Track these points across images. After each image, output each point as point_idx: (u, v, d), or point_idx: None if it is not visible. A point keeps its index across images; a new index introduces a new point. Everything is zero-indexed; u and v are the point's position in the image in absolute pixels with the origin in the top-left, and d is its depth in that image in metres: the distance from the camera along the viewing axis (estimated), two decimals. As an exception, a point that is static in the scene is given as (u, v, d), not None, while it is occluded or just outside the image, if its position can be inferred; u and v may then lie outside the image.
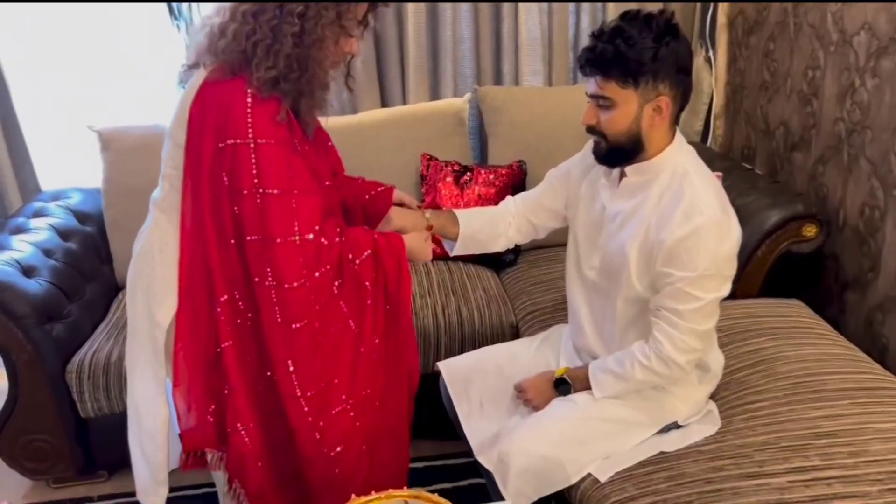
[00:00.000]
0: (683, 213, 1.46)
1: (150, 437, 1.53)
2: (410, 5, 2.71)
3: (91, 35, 2.77)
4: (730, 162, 2.65)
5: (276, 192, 1.32)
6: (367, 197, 1.68)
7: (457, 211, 1.76)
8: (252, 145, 1.31)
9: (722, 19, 2.79)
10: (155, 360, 1.48)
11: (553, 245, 2.45)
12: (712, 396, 1.71)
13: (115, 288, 2.50)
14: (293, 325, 1.38)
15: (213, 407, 1.48)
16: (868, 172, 2.03)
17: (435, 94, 2.88)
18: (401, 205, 1.70)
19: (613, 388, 1.60)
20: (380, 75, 2.84)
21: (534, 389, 1.71)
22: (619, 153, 1.54)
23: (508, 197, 1.86)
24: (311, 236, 1.36)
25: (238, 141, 1.31)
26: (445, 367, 1.87)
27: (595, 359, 1.70)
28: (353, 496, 1.30)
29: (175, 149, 1.41)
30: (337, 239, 1.42)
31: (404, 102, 2.87)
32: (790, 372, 1.75)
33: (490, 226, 1.77)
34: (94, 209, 2.58)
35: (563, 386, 1.67)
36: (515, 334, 2.24)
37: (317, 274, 1.38)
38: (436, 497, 1.25)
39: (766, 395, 1.69)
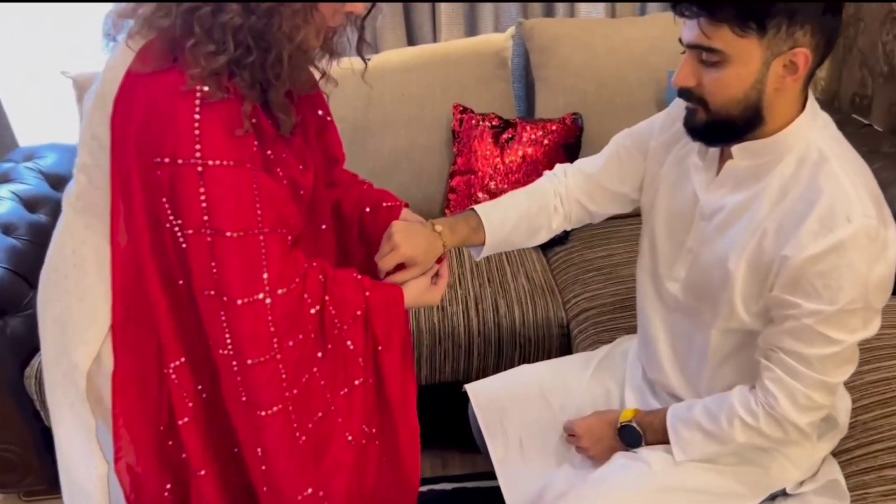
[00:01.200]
0: (819, 219, 1.00)
1: (86, 499, 1.17)
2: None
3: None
4: (837, 114, 2.12)
5: (235, 234, 0.92)
6: (367, 210, 1.25)
7: (480, 208, 1.30)
8: (200, 169, 0.90)
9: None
10: (81, 405, 1.10)
11: (615, 217, 1.99)
12: (832, 451, 1.28)
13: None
14: (260, 413, 1.00)
15: (169, 485, 1.10)
16: None
17: (471, 30, 2.43)
18: None
19: (701, 450, 1.17)
20: (405, 6, 2.39)
21: (590, 436, 1.30)
22: (724, 128, 1.07)
23: (557, 167, 1.40)
24: (283, 291, 0.97)
25: (180, 161, 0.90)
26: (475, 392, 1.47)
27: (675, 399, 1.27)
28: None
29: (94, 143, 0.99)
30: (323, 295, 1.03)
31: (434, 40, 2.44)
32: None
33: (527, 220, 1.32)
34: (71, 171, 2.19)
35: (630, 435, 1.26)
36: (565, 336, 1.81)
37: (291, 343, 0.99)
38: None
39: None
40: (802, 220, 1.01)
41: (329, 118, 1.19)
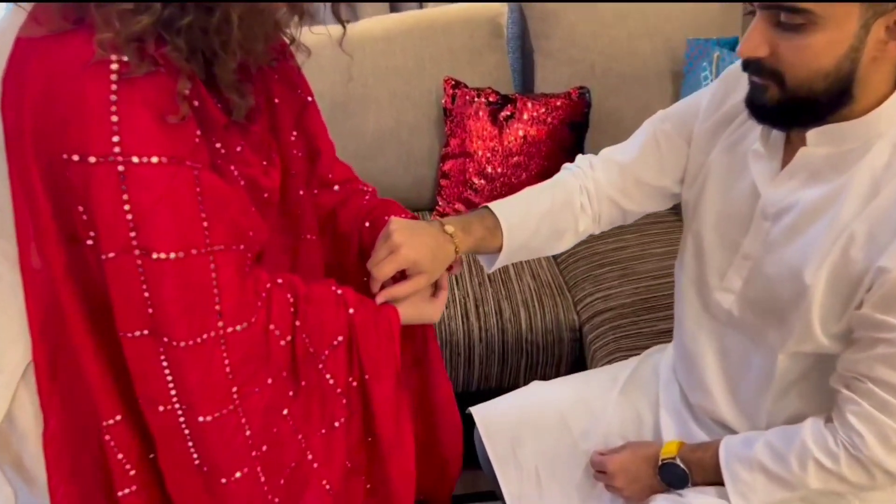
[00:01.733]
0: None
1: None
2: None
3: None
4: None
5: (174, 254, 0.70)
6: (366, 224, 1.02)
7: (496, 205, 1.08)
8: (121, 168, 0.68)
9: None
10: None
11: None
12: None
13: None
14: (221, 481, 0.78)
15: None
16: None
17: (463, -7, 2.19)
18: None
19: (765, 496, 0.98)
20: (387, -33, 2.14)
21: (625, 475, 1.10)
22: (803, 108, 0.87)
23: (580, 158, 1.18)
24: (242, 326, 0.75)
25: (92, 159, 0.67)
26: (482, 416, 1.27)
27: (723, 428, 1.08)
28: None
29: None
30: (294, 321, 0.82)
31: (421, 5, 2.22)
32: None
33: (550, 221, 1.10)
34: None
35: (673, 474, 1.06)
36: (577, 341, 1.61)
37: (256, 390, 0.78)
38: None
39: None
40: (904, 222, 0.81)
41: (310, 98, 0.96)
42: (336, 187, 1.01)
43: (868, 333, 0.87)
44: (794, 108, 0.87)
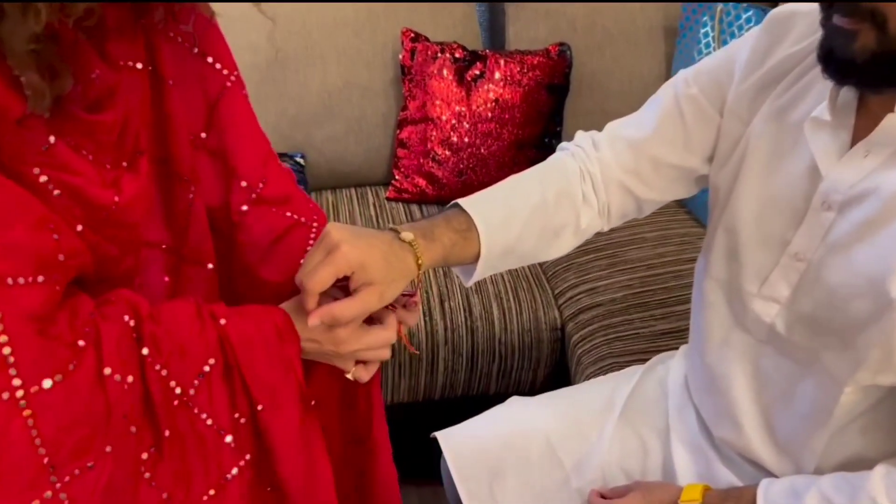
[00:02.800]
0: None
1: None
2: None
3: None
4: None
5: None
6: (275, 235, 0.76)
7: (467, 201, 0.83)
8: None
9: None
10: None
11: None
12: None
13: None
14: None
15: None
16: None
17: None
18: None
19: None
20: None
21: (635, 523, 0.88)
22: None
23: (580, 135, 0.95)
24: (53, 381, 0.55)
25: None
26: (450, 442, 1.05)
27: (757, 468, 0.88)
28: None
29: None
30: (138, 350, 0.60)
31: None
32: None
33: (543, 216, 0.87)
34: None
35: (695, 526, 0.84)
36: (559, 341, 1.39)
37: (90, 464, 0.57)
38: None
39: None
40: None
41: (233, 77, 0.71)
42: (274, 209, 0.75)
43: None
44: (894, 62, 0.63)
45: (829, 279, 0.75)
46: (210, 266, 0.72)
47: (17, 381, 0.53)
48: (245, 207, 0.72)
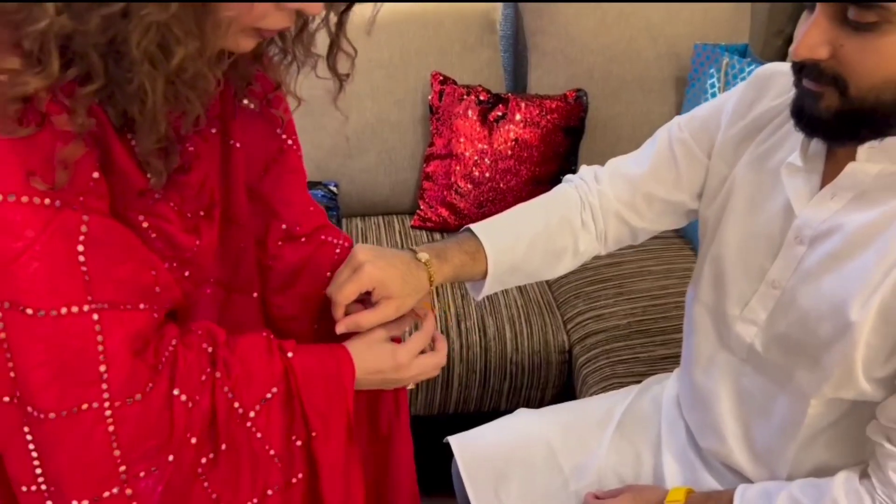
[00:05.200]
0: None
1: None
2: None
3: None
4: None
5: (42, 312, 0.59)
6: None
7: (479, 226, 0.95)
8: None
9: None
10: None
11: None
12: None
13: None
14: None
15: None
16: None
17: (454, -15, 2.05)
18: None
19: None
20: (374, -46, 1.98)
21: (625, 520, 0.97)
22: (865, 119, 0.75)
23: (584, 170, 1.06)
24: (135, 399, 0.63)
25: None
26: (462, 447, 1.14)
27: (737, 475, 0.97)
28: None
29: None
30: (213, 374, 0.69)
31: None
32: None
33: (546, 239, 0.98)
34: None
35: (680, 525, 0.93)
36: (567, 363, 1.48)
37: (153, 469, 0.65)
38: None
39: None
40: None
41: (290, 142, 0.82)
42: (303, 239, 0.86)
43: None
44: (853, 119, 0.74)
45: (801, 304, 0.85)
46: (255, 294, 0.82)
47: (106, 395, 0.61)
48: (280, 243, 0.83)
